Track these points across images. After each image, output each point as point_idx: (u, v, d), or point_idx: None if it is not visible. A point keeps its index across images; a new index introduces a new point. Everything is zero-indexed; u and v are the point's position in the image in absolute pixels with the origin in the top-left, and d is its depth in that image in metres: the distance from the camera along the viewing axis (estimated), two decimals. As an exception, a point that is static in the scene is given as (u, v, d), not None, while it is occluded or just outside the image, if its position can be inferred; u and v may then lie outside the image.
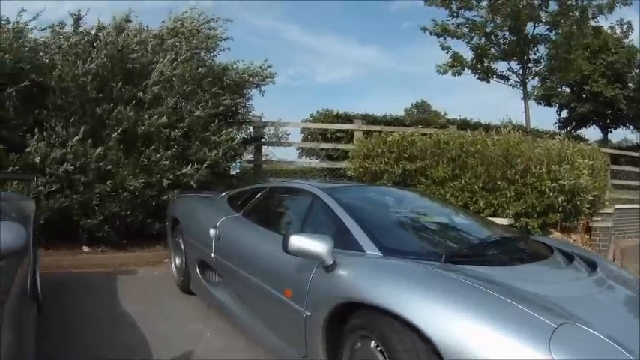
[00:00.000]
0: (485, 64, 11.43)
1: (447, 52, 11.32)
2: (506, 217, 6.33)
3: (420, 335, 1.93)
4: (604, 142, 19.65)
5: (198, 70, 6.34)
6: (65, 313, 3.92)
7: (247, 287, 3.25)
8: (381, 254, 2.51)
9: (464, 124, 12.66)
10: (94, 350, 3.24)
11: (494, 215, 6.34)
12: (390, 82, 69.19)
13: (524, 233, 3.75)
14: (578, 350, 1.75)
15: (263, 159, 8.50)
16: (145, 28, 6.52)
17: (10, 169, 5.21)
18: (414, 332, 1.96)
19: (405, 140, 7.10)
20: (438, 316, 1.94)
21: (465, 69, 11.45)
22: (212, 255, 3.77)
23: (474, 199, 6.54)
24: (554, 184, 6.34)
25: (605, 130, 20.65)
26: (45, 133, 5.33)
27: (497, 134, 7.24)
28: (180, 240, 4.61)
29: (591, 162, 7.28)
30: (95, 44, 5.75)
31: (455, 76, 11.41)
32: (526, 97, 11.57)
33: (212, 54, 7.10)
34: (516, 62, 11.56)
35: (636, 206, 10.77)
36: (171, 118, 5.90)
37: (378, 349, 2.13)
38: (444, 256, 2.45)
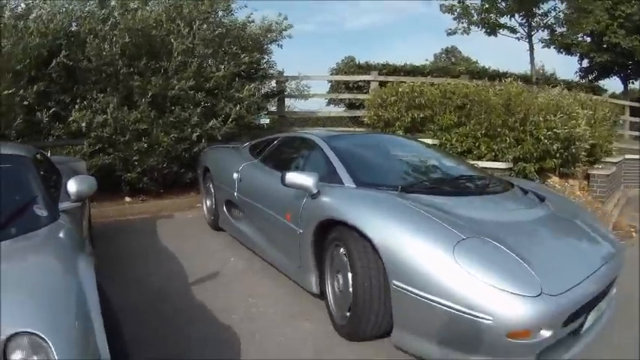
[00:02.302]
0: (492, 19, 11.86)
1: (452, 14, 11.82)
2: (506, 161, 7.02)
3: (368, 240, 2.81)
4: (625, 93, 19.69)
5: (217, 32, 7.22)
6: (116, 252, 4.93)
7: (261, 217, 4.28)
8: (355, 186, 3.43)
9: (482, 73, 13.11)
10: (147, 277, 4.25)
11: (495, 159, 7.08)
12: (421, 27, 68.12)
13: (488, 174, 4.32)
14: (477, 255, 2.51)
15: (287, 110, 9.43)
16: None
17: (56, 135, 6.33)
18: (365, 239, 2.83)
19: (415, 90, 7.90)
20: (379, 226, 2.81)
21: (472, 26, 11.94)
22: (235, 194, 4.81)
23: (476, 144, 7.29)
24: (549, 132, 6.89)
25: (626, 82, 20.72)
26: (86, 103, 6.37)
27: (500, 84, 7.91)
28: (211, 185, 5.66)
29: (591, 112, 7.88)
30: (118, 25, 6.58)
31: (463, 34, 11.95)
32: (532, 48, 12.04)
33: (230, 12, 7.95)
34: (520, 17, 11.94)
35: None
36: (197, 80, 6.86)
37: (343, 253, 3.08)
38: (399, 186, 3.31)
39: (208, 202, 5.80)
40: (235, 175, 4.80)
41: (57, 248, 2.42)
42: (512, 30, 12.19)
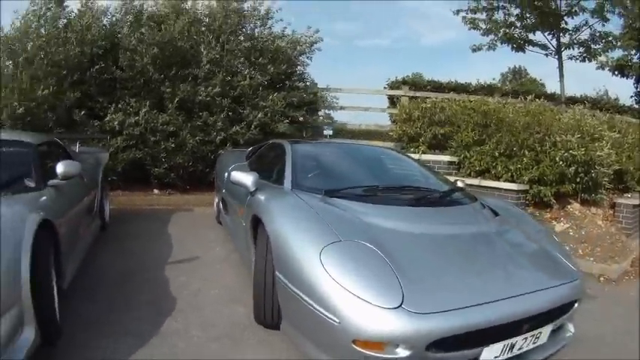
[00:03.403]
0: (517, 35, 11.75)
1: (477, 29, 11.86)
2: (522, 183, 6.91)
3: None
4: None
5: (244, 45, 8.01)
6: (125, 232, 5.79)
7: (233, 212, 4.89)
8: (290, 187, 3.82)
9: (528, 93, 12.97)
10: (137, 253, 5.00)
11: (511, 180, 7.01)
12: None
13: (456, 187, 4.29)
14: (345, 258, 2.62)
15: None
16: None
17: (90, 131, 7.27)
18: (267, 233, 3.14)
19: (436, 106, 8.16)
20: (274, 222, 3.12)
21: (499, 43, 11.90)
22: (224, 191, 5.40)
23: (494, 164, 7.28)
24: (565, 154, 6.68)
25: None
26: (120, 106, 7.31)
27: (521, 102, 7.98)
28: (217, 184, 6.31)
29: (618, 135, 7.57)
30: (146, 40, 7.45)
31: (488, 50, 11.93)
32: (561, 66, 11.73)
33: (267, 26, 8.71)
34: (547, 32, 11.71)
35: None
36: (223, 88, 7.62)
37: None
38: (323, 191, 3.48)
39: (216, 199, 6.49)
40: (225, 175, 5.42)
41: (21, 205, 3.05)
42: (543, 46, 11.92)
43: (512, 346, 2.65)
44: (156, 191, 7.75)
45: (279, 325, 3.15)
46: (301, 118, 8.73)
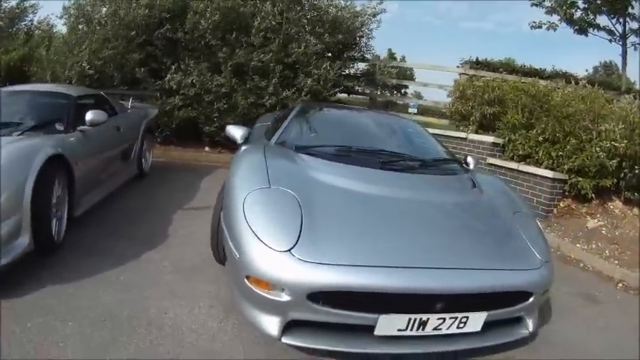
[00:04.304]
0: (579, 16, 11.04)
1: (541, 7, 11.28)
2: (561, 171, 6.66)
3: None
4: None
5: (301, 14, 8.46)
6: (161, 181, 6.53)
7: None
8: (273, 143, 4.11)
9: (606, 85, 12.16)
10: (161, 198, 5.70)
11: (552, 168, 6.74)
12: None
13: (442, 159, 4.32)
14: (264, 203, 2.83)
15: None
16: None
17: (150, 89, 8.09)
18: None
19: (488, 86, 8.15)
20: (231, 170, 3.39)
21: (562, 23, 11.25)
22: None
23: (537, 149, 7.06)
24: (607, 144, 6.36)
25: None
26: (180, 67, 8.05)
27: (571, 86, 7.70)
28: (253, 142, 6.85)
29: None
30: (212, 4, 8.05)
31: (549, 30, 11.29)
32: (625, 53, 10.88)
33: None
34: (612, 17, 10.86)
35: None
36: (278, 55, 8.12)
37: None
38: (294, 146, 3.78)
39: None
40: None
41: (46, 141, 3.84)
42: (610, 31, 11.04)
43: (424, 324, 2.52)
44: (207, 149, 8.49)
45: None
46: (358, 89, 9.01)
